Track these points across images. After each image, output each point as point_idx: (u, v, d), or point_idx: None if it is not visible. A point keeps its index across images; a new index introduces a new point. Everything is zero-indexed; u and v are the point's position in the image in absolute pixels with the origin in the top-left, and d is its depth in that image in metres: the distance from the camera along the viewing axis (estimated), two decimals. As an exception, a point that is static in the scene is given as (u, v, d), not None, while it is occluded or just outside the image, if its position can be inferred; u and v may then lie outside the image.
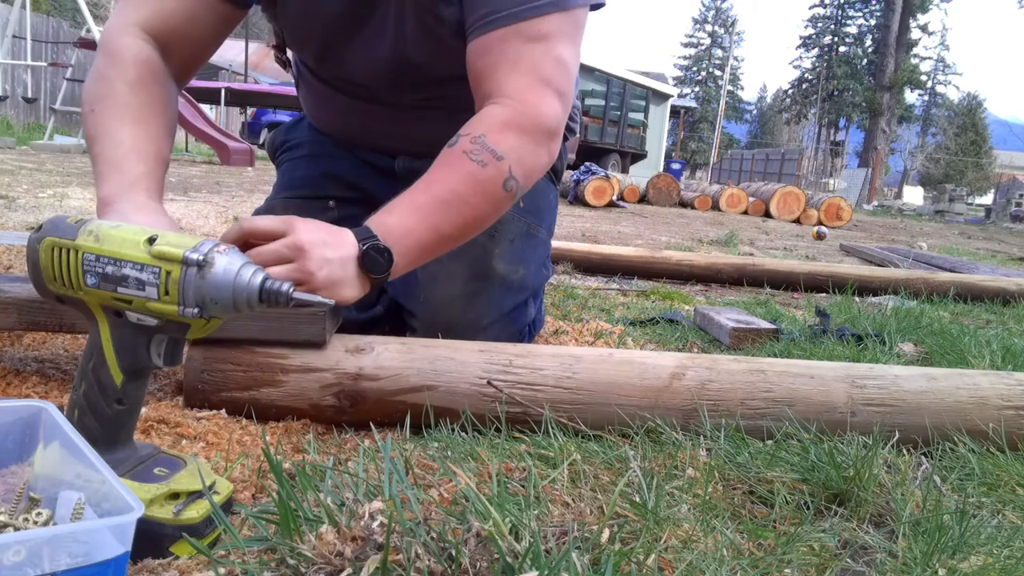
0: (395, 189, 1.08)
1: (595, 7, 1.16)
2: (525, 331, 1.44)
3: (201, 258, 0.68)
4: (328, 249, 0.99)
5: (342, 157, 1.48)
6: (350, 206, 1.42)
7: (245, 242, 0.94)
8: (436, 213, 1.04)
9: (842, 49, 47.87)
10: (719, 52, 54.22)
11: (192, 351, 1.01)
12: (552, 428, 0.99)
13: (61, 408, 0.71)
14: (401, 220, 1.03)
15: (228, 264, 0.70)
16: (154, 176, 1.00)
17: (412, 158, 1.39)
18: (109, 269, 0.70)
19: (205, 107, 11.50)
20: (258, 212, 1.46)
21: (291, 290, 0.72)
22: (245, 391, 1.00)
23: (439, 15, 1.16)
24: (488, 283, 1.34)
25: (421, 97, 1.32)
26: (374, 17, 1.21)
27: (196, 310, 0.69)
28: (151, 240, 0.69)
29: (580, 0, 1.11)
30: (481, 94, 1.12)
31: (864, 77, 45.13)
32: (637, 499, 0.80)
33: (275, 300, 0.72)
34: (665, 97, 20.83)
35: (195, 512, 0.71)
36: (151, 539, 0.68)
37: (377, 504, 0.65)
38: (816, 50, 49.58)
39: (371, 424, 0.96)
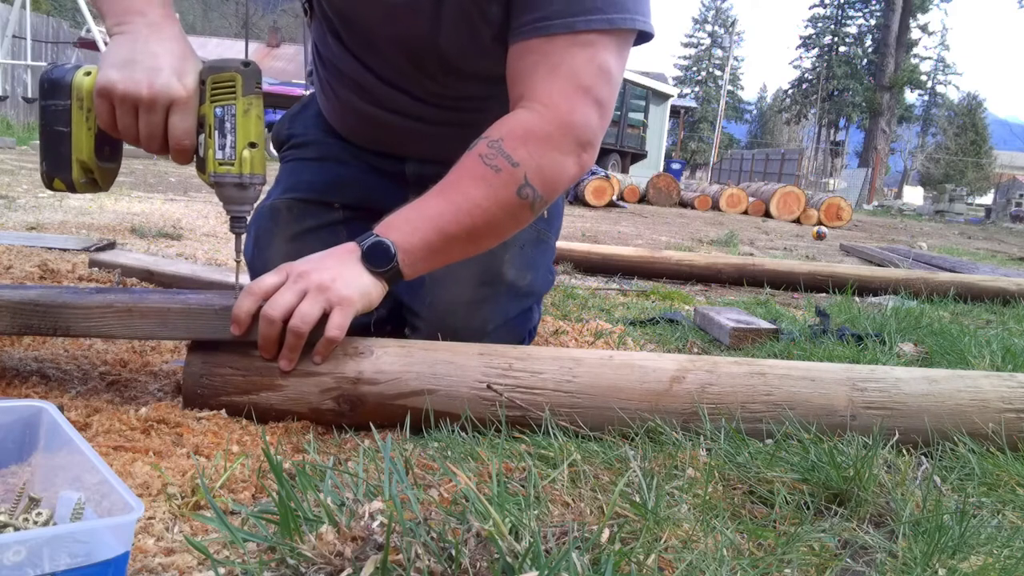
0: (403, 197, 1.08)
1: (644, 37, 1.12)
2: (527, 335, 1.44)
3: None
4: (329, 259, 1.01)
5: (350, 162, 1.44)
6: (355, 213, 1.39)
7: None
8: (444, 214, 1.03)
9: (842, 49, 47.88)
10: (719, 52, 54.22)
11: (191, 356, 1.01)
12: (552, 429, 0.99)
13: (61, 408, 0.71)
14: (407, 218, 1.03)
15: None
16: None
17: (423, 163, 1.36)
18: None
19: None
20: (260, 209, 1.45)
21: None
22: (244, 395, 1.00)
23: (484, 13, 1.13)
24: (496, 289, 1.32)
25: (440, 94, 1.29)
26: None
27: None
28: None
29: (630, 21, 1.08)
30: (515, 95, 1.10)
31: (864, 77, 45.13)
32: (637, 499, 0.80)
33: None
34: (665, 97, 20.84)
35: None
36: None
37: (377, 504, 0.65)
38: (816, 50, 49.59)
39: (371, 424, 0.96)
